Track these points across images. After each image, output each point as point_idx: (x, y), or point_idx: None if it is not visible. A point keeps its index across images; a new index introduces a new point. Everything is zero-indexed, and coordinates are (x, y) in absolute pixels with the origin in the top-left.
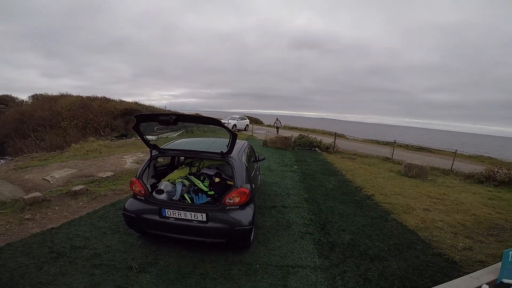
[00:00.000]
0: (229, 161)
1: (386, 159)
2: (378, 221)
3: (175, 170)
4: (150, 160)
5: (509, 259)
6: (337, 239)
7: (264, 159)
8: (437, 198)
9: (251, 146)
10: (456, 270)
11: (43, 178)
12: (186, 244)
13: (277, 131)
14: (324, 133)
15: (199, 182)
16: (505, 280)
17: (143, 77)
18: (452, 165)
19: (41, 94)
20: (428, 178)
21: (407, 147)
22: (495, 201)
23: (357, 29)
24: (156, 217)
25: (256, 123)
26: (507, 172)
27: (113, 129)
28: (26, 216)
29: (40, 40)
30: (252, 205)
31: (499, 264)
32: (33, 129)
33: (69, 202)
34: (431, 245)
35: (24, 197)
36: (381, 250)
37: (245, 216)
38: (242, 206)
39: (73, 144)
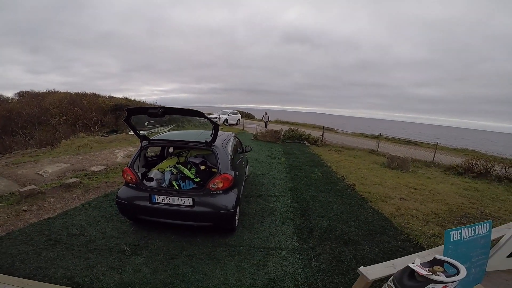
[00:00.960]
0: (213, 149)
1: (372, 151)
2: (356, 208)
3: (164, 160)
4: (140, 149)
5: (451, 239)
6: (315, 224)
7: (250, 150)
8: (415, 188)
9: (238, 138)
10: None
11: (37, 173)
12: (175, 229)
13: (266, 126)
14: (314, 127)
15: (186, 170)
16: (437, 256)
17: (132, 72)
18: (433, 157)
19: (27, 91)
20: (410, 170)
21: (394, 140)
22: (470, 191)
23: (346, 23)
24: (147, 203)
25: (247, 117)
26: (484, 164)
27: (103, 125)
28: (23, 208)
29: (22, 36)
30: (235, 191)
31: (441, 247)
32: (22, 126)
33: (63, 194)
34: (403, 231)
35: (20, 190)
36: (356, 235)
37: (228, 200)
38: (226, 191)
39: (63, 140)
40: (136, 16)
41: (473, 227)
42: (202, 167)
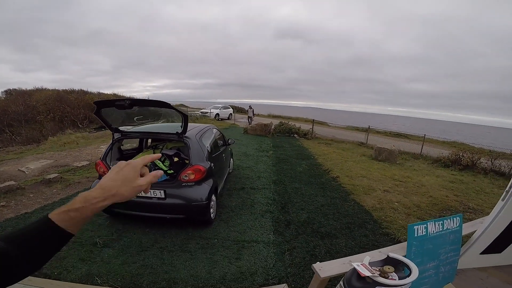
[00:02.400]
0: (185, 141)
1: (361, 144)
2: (337, 201)
3: (140, 153)
4: (112, 142)
5: (415, 234)
6: (294, 217)
7: (233, 142)
8: (400, 181)
9: (220, 131)
10: None
11: (19, 169)
12: (150, 222)
13: (250, 121)
14: (307, 121)
15: (159, 162)
16: (391, 254)
17: (123, 68)
18: (421, 150)
19: (15, 89)
20: (397, 162)
21: (385, 133)
22: (455, 184)
23: (339, 19)
24: None
25: (240, 112)
26: (471, 156)
27: (91, 121)
28: (1, 204)
29: (9, 35)
30: (210, 182)
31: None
32: (8, 124)
33: (43, 189)
34: (382, 225)
35: None
36: (333, 229)
37: (200, 192)
38: (198, 182)
39: (50, 137)
40: (126, 13)
41: (441, 221)
42: (176, 159)
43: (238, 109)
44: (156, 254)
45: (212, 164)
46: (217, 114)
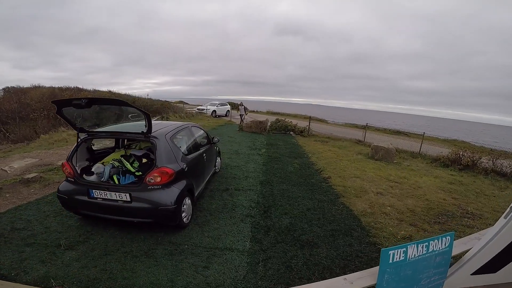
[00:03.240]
0: (152, 140)
1: (358, 142)
2: (325, 204)
3: (112, 153)
4: (77, 143)
5: (390, 260)
6: (275, 223)
7: (218, 141)
8: (395, 182)
9: (202, 129)
10: None
11: (1, 169)
12: (120, 225)
13: (242, 119)
14: (305, 118)
15: (127, 163)
16: None
17: (123, 66)
18: (420, 148)
19: (13, 86)
20: (394, 161)
21: (385, 131)
22: (454, 185)
23: (338, 15)
24: (85, 198)
25: (237, 109)
26: (471, 155)
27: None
28: None
29: (6, 32)
30: (180, 185)
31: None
32: (3, 122)
33: (21, 189)
34: (370, 232)
35: None
36: (316, 236)
37: (168, 195)
38: (166, 185)
39: (42, 135)
40: (123, 10)
41: (426, 243)
42: (144, 160)
43: (234, 106)
44: (119, 259)
45: (185, 165)
46: (214, 111)
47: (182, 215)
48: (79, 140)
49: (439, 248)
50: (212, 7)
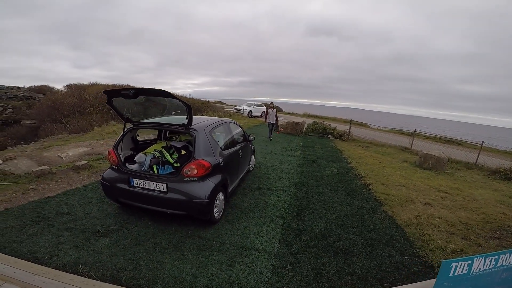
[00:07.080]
0: (191, 133)
1: (404, 149)
2: (364, 211)
3: (154, 144)
4: (123, 132)
5: (450, 274)
6: (308, 226)
7: (254, 139)
8: (446, 193)
9: (239, 126)
10: (431, 277)
11: (58, 155)
12: (154, 215)
13: (270, 129)
14: (346, 122)
15: (167, 154)
16: None
17: (165, 66)
18: (477, 159)
19: (74, 83)
20: (446, 171)
21: (435, 138)
22: None
23: (376, 13)
24: (126, 186)
25: (266, 112)
26: None
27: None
28: (31, 187)
29: (64, 33)
30: (215, 179)
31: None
32: (64, 115)
33: (71, 175)
34: (415, 244)
35: (33, 170)
36: (352, 244)
37: (202, 189)
38: (202, 178)
39: (96, 127)
40: (162, 12)
41: (496, 256)
42: (183, 152)
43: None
44: (147, 250)
45: (222, 160)
46: (250, 111)
47: (214, 210)
48: (125, 129)
49: (509, 263)
50: (243, 7)
